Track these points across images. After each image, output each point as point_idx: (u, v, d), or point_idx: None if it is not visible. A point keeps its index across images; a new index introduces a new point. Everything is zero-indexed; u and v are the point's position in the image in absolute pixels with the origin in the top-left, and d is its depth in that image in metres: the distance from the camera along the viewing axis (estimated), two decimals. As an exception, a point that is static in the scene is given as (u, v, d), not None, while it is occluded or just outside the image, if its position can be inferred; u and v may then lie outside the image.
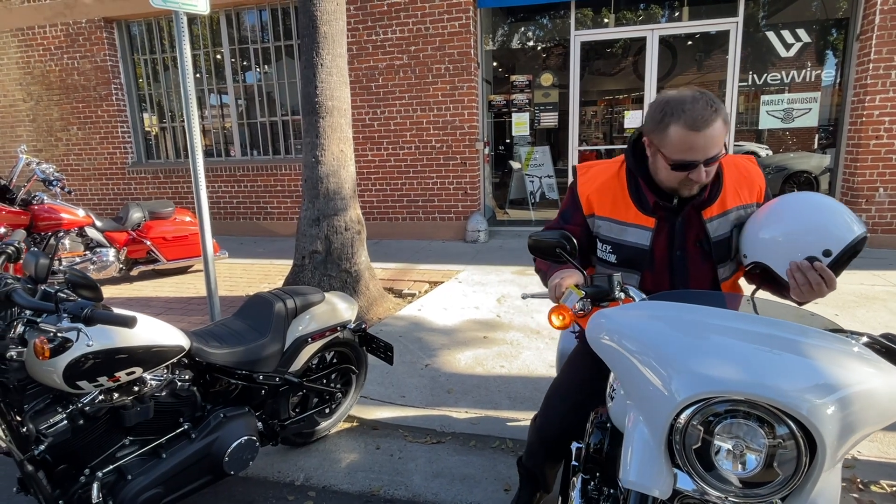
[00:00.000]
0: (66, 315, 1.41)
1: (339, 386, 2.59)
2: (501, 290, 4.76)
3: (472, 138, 6.61)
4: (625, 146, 6.81)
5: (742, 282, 1.65)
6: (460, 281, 5.08)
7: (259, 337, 2.14)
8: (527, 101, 7.12)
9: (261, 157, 7.62)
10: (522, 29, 7.96)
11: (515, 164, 8.15)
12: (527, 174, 7.89)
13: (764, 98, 6.24)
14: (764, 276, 1.44)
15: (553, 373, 3.19)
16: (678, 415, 1.02)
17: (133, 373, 1.70)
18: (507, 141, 8.39)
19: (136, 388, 1.76)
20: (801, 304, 1.39)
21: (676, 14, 6.66)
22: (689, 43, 7.82)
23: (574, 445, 1.61)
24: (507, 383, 3.11)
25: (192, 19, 7.38)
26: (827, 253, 1.28)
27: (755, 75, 6.32)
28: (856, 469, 2.24)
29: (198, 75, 7.61)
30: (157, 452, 1.86)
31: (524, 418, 2.74)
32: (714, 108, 1.29)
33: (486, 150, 7.25)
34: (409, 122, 6.75)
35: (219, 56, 7.52)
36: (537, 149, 7.90)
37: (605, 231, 1.56)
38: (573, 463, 1.55)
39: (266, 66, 7.40)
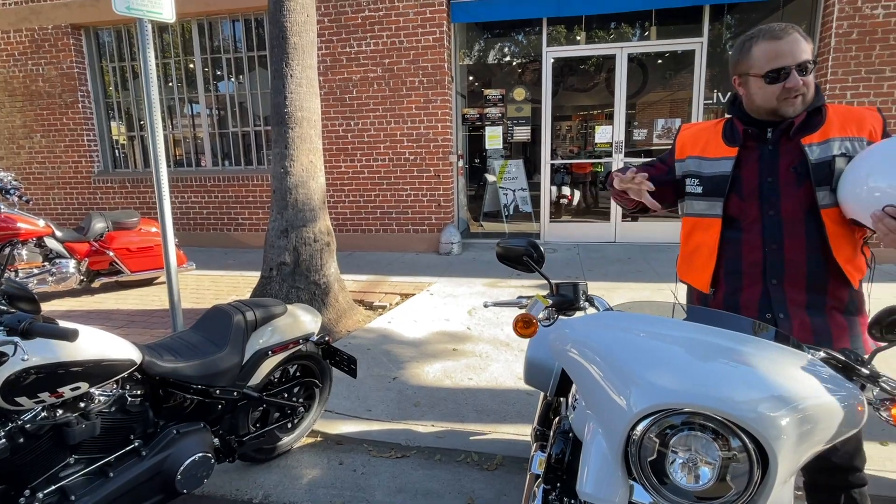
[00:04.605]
0: (2, 328, 1.35)
1: (301, 400, 2.54)
2: (472, 302, 4.76)
3: (446, 151, 6.64)
4: (597, 160, 6.82)
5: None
6: (432, 293, 5.06)
7: (216, 350, 2.09)
8: (500, 115, 7.19)
9: (232, 168, 7.51)
10: (497, 44, 8.07)
11: (490, 177, 8.21)
12: (501, 187, 7.95)
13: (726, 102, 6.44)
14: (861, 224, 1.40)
15: (521, 385, 3.19)
16: (635, 426, 1.02)
17: (78, 388, 1.64)
18: (483, 154, 8.44)
19: (81, 405, 1.70)
20: None
21: (646, 33, 6.84)
22: (659, 61, 8.03)
23: (538, 455, 1.59)
24: (474, 396, 3.09)
25: (165, 27, 7.29)
26: None
27: (720, 94, 6.51)
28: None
29: (169, 84, 7.50)
30: (105, 471, 1.79)
31: (490, 431, 2.73)
32: (789, 25, 1.39)
33: (461, 163, 7.28)
34: (383, 134, 6.75)
35: (191, 65, 7.43)
36: (511, 162, 7.98)
37: (693, 167, 1.62)
38: (535, 472, 1.53)
39: (239, 76, 7.34)
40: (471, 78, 9.20)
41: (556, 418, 1.56)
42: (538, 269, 1.30)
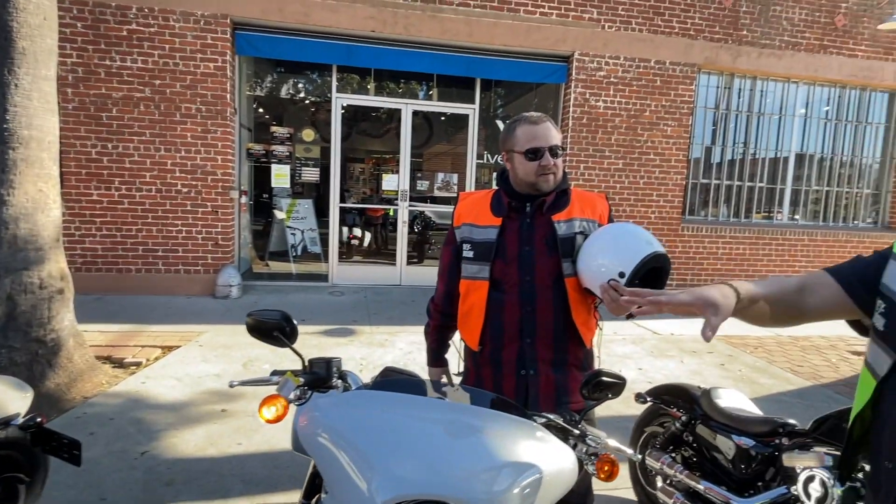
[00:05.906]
0: None
1: (-4, 503, 1.96)
2: (250, 353, 4.39)
3: (227, 186, 6.15)
4: (386, 205, 7.10)
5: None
6: (202, 344, 4.53)
7: None
8: (288, 153, 6.99)
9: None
10: (290, 80, 7.91)
11: (279, 214, 7.85)
12: (289, 226, 7.66)
13: (495, 174, 7.35)
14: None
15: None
16: None
17: None
18: (270, 189, 8.06)
19: None
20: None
21: (430, 93, 7.45)
22: (443, 119, 8.82)
23: None
24: (242, 464, 2.80)
25: None
26: (622, 274, 1.51)
27: (489, 154, 7.40)
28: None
29: None
30: None
31: (258, 504, 2.49)
32: (545, 115, 1.71)
33: (244, 200, 6.83)
34: (150, 162, 5.96)
35: None
36: (300, 201, 7.77)
37: (466, 233, 1.78)
38: None
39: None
40: (260, 110, 8.83)
41: (316, 497, 1.48)
42: (290, 346, 1.23)
